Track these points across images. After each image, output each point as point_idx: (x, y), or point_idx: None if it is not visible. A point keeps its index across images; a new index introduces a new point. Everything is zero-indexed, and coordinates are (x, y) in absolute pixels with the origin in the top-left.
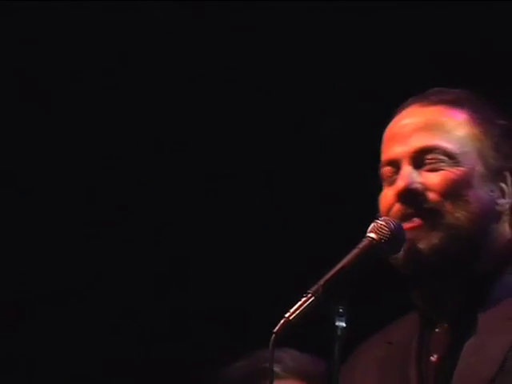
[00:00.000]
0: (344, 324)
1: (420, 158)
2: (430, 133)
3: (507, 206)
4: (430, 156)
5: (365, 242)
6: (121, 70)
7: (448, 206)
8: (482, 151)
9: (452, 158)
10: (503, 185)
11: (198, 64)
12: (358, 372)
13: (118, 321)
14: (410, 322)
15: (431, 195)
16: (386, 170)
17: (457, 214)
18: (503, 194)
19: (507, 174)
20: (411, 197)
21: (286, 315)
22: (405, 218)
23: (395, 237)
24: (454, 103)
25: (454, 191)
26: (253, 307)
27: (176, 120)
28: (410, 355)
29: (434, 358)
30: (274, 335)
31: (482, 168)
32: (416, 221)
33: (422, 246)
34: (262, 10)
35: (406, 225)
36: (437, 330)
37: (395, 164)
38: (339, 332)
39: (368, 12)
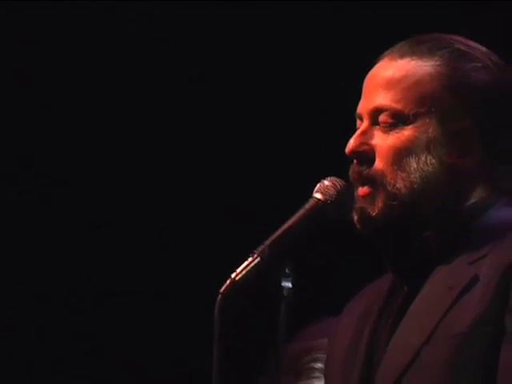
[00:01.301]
0: (290, 285)
1: (375, 117)
2: (385, 91)
3: (471, 164)
4: (382, 116)
5: (311, 202)
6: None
7: (389, 176)
8: (441, 110)
9: (402, 119)
10: (467, 144)
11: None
12: (342, 323)
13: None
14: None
15: (376, 162)
16: (358, 123)
17: (398, 185)
18: (466, 153)
19: (472, 132)
20: (357, 159)
21: (232, 276)
22: (355, 181)
23: (342, 198)
24: (425, 54)
25: (397, 159)
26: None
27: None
28: (372, 316)
29: (388, 322)
30: (220, 296)
31: (439, 129)
32: (363, 189)
33: (370, 212)
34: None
35: (357, 191)
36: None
37: (361, 118)
38: (285, 293)
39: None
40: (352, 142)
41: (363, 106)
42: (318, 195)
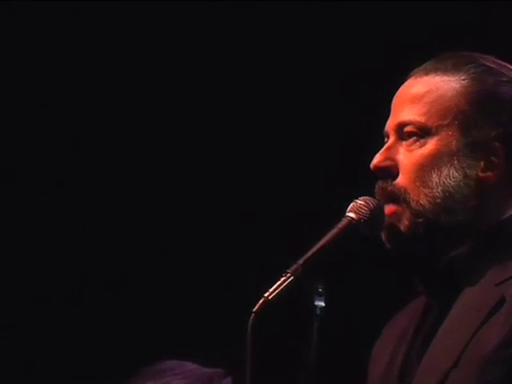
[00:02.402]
0: (323, 303)
1: (400, 132)
2: (410, 107)
3: (495, 178)
4: (406, 130)
5: (344, 221)
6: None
7: (412, 193)
8: (465, 123)
9: (426, 132)
10: (492, 157)
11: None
12: (380, 346)
13: None
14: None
15: (399, 178)
16: (385, 142)
17: (421, 201)
18: (491, 167)
19: (497, 145)
20: (381, 174)
21: (265, 295)
22: (380, 197)
23: (375, 216)
24: (450, 70)
25: (419, 175)
26: (232, 287)
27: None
28: (407, 338)
29: (420, 344)
30: (253, 315)
31: (462, 142)
32: (389, 207)
33: (397, 230)
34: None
35: (385, 208)
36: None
37: (388, 136)
38: (318, 311)
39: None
40: (376, 158)
41: (389, 123)
42: (351, 214)
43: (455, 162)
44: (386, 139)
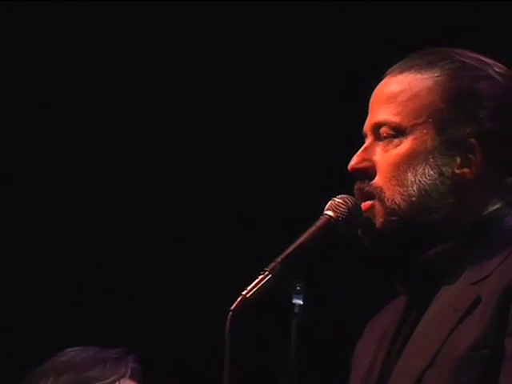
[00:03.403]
0: (301, 301)
1: (377, 132)
2: (385, 106)
3: (472, 175)
4: (382, 130)
5: (322, 219)
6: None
7: (388, 192)
8: (439, 121)
9: (401, 132)
10: (468, 154)
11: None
12: (362, 345)
13: None
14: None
15: (376, 178)
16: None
17: (396, 200)
18: (467, 164)
19: (474, 142)
20: (358, 175)
21: (243, 293)
22: (358, 198)
23: (352, 214)
24: (424, 68)
25: (395, 174)
26: (211, 284)
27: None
28: (388, 337)
29: (399, 343)
30: (231, 313)
31: (438, 140)
32: (365, 203)
33: (373, 225)
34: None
35: (362, 205)
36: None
37: (366, 136)
38: (296, 309)
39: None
40: (353, 159)
41: (367, 124)
42: (329, 212)
43: (430, 160)
44: (364, 139)
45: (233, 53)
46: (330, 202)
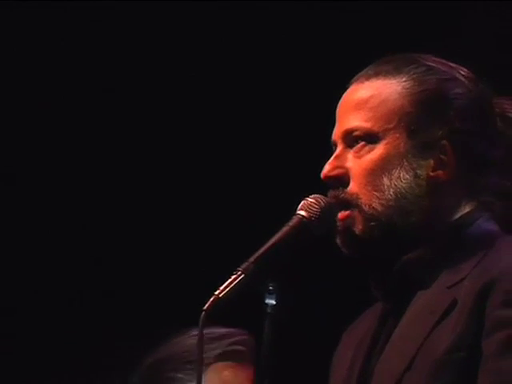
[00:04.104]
0: (274, 301)
1: (348, 139)
2: (355, 113)
3: (446, 176)
4: (353, 137)
5: (295, 219)
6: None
7: (364, 198)
8: (410, 125)
9: (373, 138)
10: (441, 155)
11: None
12: (340, 353)
13: None
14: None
15: (351, 185)
16: (334, 151)
17: (373, 205)
18: (441, 165)
19: (445, 143)
20: (332, 183)
21: (216, 293)
22: (334, 205)
23: (325, 214)
24: (390, 73)
25: (370, 180)
26: (182, 286)
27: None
28: (365, 344)
29: (378, 348)
30: (203, 313)
31: (410, 143)
32: (342, 213)
33: (352, 234)
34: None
35: (337, 215)
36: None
37: (335, 145)
38: (269, 309)
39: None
40: (326, 167)
41: (336, 132)
42: (302, 212)
43: (405, 163)
44: (333, 148)
45: (225, 52)
46: (302, 202)
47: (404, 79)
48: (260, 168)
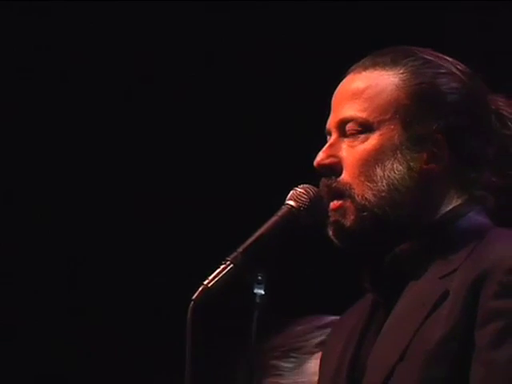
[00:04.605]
0: (263, 291)
1: (342, 129)
2: (351, 103)
3: (439, 169)
4: (348, 127)
5: (284, 209)
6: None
7: (357, 188)
8: (405, 117)
9: (367, 128)
10: (435, 149)
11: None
12: (330, 344)
13: None
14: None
15: (343, 174)
16: (328, 140)
17: (366, 195)
18: (434, 159)
19: (440, 137)
20: (325, 172)
21: (205, 282)
22: (325, 194)
23: (314, 204)
24: (388, 64)
25: (364, 170)
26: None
27: None
28: (355, 335)
29: (369, 340)
30: (192, 302)
31: (405, 135)
32: (334, 203)
33: (343, 225)
34: None
35: (329, 205)
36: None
37: (330, 134)
38: (258, 299)
39: None
40: (319, 156)
41: (330, 121)
42: (290, 202)
43: (398, 155)
44: (328, 137)
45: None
46: (291, 192)
47: (401, 71)
48: (250, 158)
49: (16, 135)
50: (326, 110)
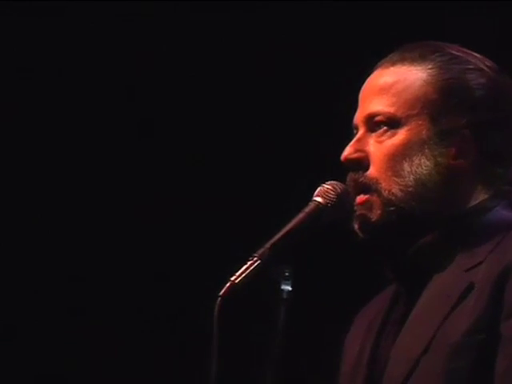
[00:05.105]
0: (290, 287)
1: (370, 123)
2: (378, 98)
3: (466, 165)
4: (375, 121)
5: (311, 205)
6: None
7: (384, 183)
8: (433, 112)
9: (395, 123)
10: (462, 144)
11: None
12: (350, 337)
13: None
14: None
15: (371, 169)
16: (355, 135)
17: (393, 190)
18: (461, 154)
19: (467, 132)
20: (352, 166)
21: (232, 278)
22: (352, 189)
23: (342, 201)
24: (415, 60)
25: (391, 165)
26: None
27: None
28: (375, 328)
29: (391, 333)
30: (220, 299)
31: (432, 130)
32: (360, 197)
33: (369, 219)
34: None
35: (355, 199)
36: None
37: (357, 128)
38: (285, 295)
39: None
40: (347, 150)
41: (358, 116)
42: (318, 199)
43: (426, 150)
44: (355, 131)
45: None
46: (319, 189)
47: (429, 67)
48: (277, 155)
49: (16, 135)
50: (345, 108)
